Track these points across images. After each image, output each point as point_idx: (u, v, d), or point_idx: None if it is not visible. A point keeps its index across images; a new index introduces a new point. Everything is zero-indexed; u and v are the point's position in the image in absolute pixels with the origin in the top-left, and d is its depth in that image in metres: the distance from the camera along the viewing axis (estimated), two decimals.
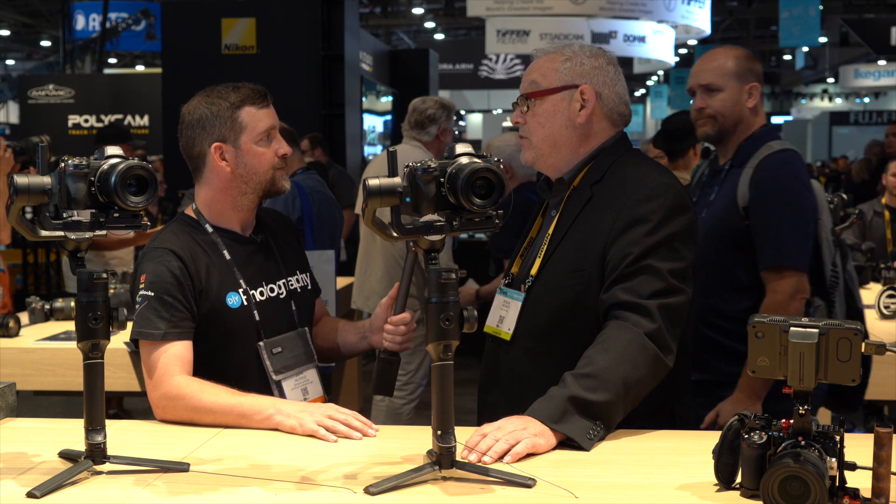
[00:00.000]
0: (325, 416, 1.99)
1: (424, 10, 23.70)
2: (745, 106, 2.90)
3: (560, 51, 2.24)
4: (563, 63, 2.20)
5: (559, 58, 2.21)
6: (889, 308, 3.97)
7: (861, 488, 1.53)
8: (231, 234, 2.30)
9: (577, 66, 2.19)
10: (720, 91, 2.90)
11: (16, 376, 3.04)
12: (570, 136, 2.20)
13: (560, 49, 2.24)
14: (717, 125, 2.91)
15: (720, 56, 2.96)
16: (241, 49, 9.24)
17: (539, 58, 2.26)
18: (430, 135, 4.66)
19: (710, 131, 2.92)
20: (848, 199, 4.11)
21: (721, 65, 2.92)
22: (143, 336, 2.13)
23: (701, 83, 2.93)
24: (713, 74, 2.92)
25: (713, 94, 2.91)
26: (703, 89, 2.92)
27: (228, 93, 2.27)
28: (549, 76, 2.20)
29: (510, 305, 2.20)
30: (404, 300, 2.24)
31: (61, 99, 13.33)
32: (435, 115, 4.68)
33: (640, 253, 2.03)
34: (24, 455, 1.86)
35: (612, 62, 2.24)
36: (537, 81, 2.21)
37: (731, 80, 2.90)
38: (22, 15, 23.10)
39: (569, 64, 2.20)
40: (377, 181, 1.65)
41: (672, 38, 17.53)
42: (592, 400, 1.89)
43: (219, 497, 1.64)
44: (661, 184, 2.11)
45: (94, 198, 1.70)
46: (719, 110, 2.90)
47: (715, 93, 2.91)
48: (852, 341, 1.51)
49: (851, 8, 23.62)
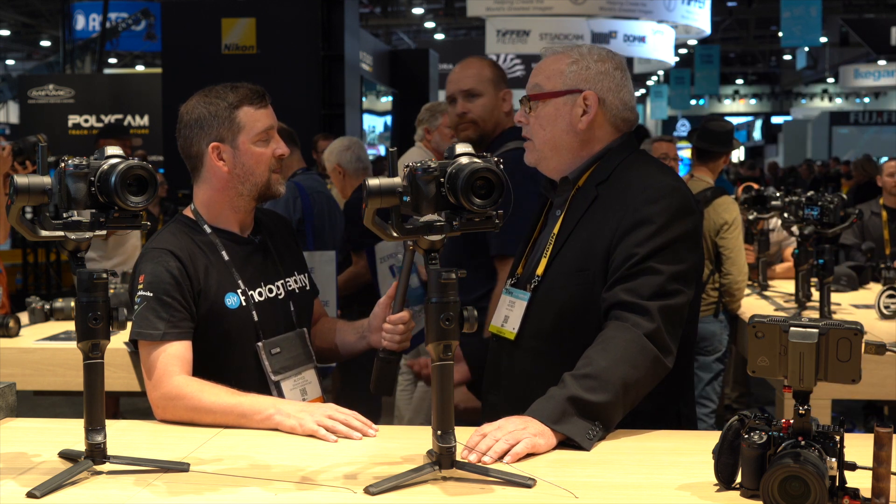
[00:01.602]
0: (325, 416, 1.99)
1: (424, 10, 23.71)
2: (502, 111, 3.09)
3: (567, 52, 2.21)
4: (568, 66, 2.18)
5: (566, 60, 2.19)
6: (889, 308, 3.97)
7: (861, 488, 1.53)
8: (229, 234, 2.30)
9: (582, 70, 2.18)
10: (480, 96, 3.08)
11: (16, 376, 3.04)
12: (571, 140, 2.19)
13: (567, 51, 2.22)
14: (478, 129, 3.07)
15: (477, 65, 3.16)
16: (241, 49, 9.24)
17: (546, 58, 2.25)
18: (420, 136, 4.99)
19: (473, 135, 3.08)
20: (847, 199, 4.11)
21: (480, 72, 3.11)
22: (143, 336, 2.13)
23: (462, 88, 3.09)
24: (474, 80, 3.10)
25: (474, 99, 3.09)
26: (465, 95, 3.09)
27: (227, 93, 2.27)
28: (553, 79, 2.19)
29: (515, 305, 2.19)
30: (402, 299, 2.24)
31: (61, 99, 13.34)
32: (421, 118, 5.01)
33: (643, 254, 2.03)
34: (24, 455, 1.86)
35: (619, 66, 2.22)
36: (541, 84, 2.21)
37: (490, 87, 3.09)
38: (22, 15, 23.10)
39: (574, 67, 2.18)
40: (377, 181, 1.65)
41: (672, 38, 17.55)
42: (592, 400, 1.89)
43: (219, 497, 1.63)
44: (666, 186, 2.11)
45: (94, 198, 1.70)
46: (480, 115, 3.08)
47: (476, 98, 3.08)
48: (852, 341, 1.51)
49: (851, 8, 23.63)
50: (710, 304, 4.61)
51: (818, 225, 3.93)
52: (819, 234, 3.93)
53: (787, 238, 5.34)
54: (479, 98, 3.08)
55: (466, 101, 3.10)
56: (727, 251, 4.53)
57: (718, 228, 4.55)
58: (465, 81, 3.11)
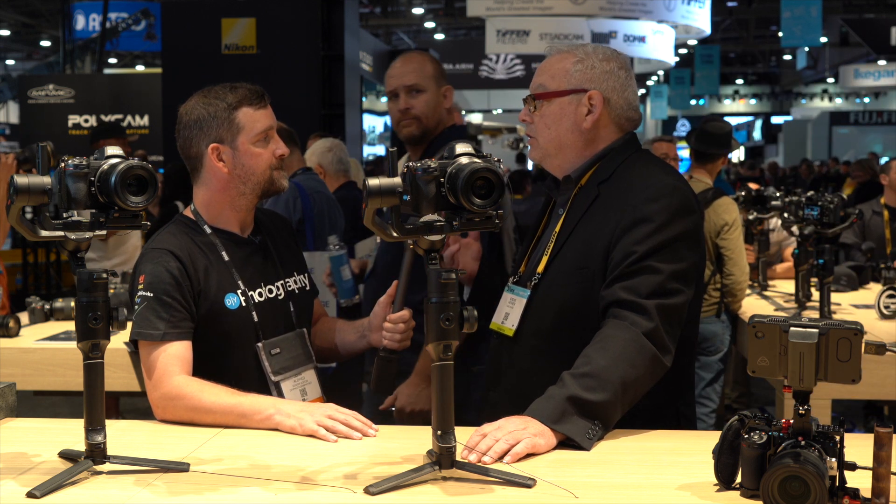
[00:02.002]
0: (325, 416, 1.99)
1: (424, 10, 23.72)
2: (443, 107, 3.06)
3: (572, 52, 2.21)
4: (574, 65, 2.18)
5: (571, 59, 2.19)
6: (889, 308, 3.97)
7: (861, 488, 1.53)
8: (229, 235, 2.30)
9: (587, 69, 2.18)
10: (423, 92, 3.04)
11: (16, 376, 3.04)
12: (576, 139, 2.19)
13: (573, 50, 2.22)
14: (421, 126, 3.03)
15: (419, 60, 3.11)
16: (241, 49, 9.24)
17: (551, 56, 2.25)
18: None
19: (415, 132, 3.04)
20: (847, 199, 4.11)
21: (422, 67, 3.06)
22: (143, 336, 2.13)
23: (406, 84, 3.05)
24: (417, 76, 3.05)
25: (417, 95, 3.04)
26: (408, 90, 3.04)
27: (226, 93, 2.26)
28: (558, 78, 2.19)
29: (515, 302, 2.20)
30: (403, 298, 2.24)
31: (61, 99, 13.33)
32: None
33: (642, 253, 2.03)
34: (24, 455, 1.86)
35: (623, 66, 2.22)
36: (545, 84, 2.20)
37: (432, 82, 3.05)
38: (22, 15, 23.11)
39: (580, 66, 2.18)
40: (377, 181, 1.65)
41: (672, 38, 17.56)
42: (591, 400, 1.89)
43: (219, 497, 1.63)
44: (667, 185, 2.11)
45: (94, 198, 1.70)
46: (423, 111, 3.03)
47: (418, 94, 3.04)
48: (852, 341, 1.51)
49: (851, 8, 23.64)
50: (713, 305, 4.61)
51: (818, 225, 3.93)
52: (819, 234, 3.93)
53: (787, 238, 5.34)
54: (421, 94, 3.03)
55: (409, 97, 3.04)
56: (728, 252, 4.53)
57: (719, 230, 4.55)
58: (407, 77, 3.06)
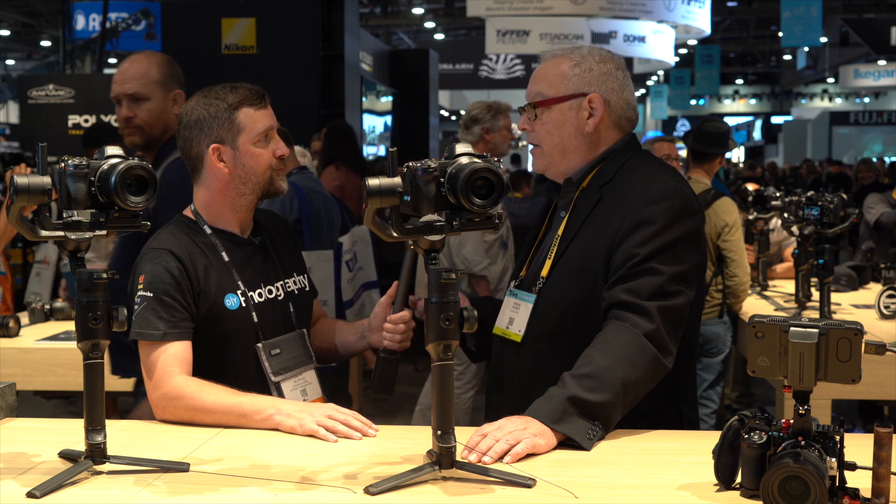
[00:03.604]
0: (325, 416, 1.99)
1: (424, 10, 23.70)
2: (172, 113, 2.93)
3: (568, 55, 2.21)
4: (571, 69, 2.18)
5: (567, 63, 2.19)
6: (889, 308, 3.97)
7: (861, 488, 1.53)
8: (229, 235, 2.30)
9: (585, 72, 2.17)
10: (147, 100, 2.91)
11: (16, 376, 3.04)
12: (580, 143, 2.19)
13: (568, 53, 2.21)
14: (144, 135, 2.92)
15: (144, 64, 2.96)
16: (241, 49, 9.23)
17: (546, 61, 2.23)
18: (475, 135, 4.80)
19: (138, 141, 2.93)
20: (848, 199, 4.11)
21: (147, 73, 2.92)
22: (143, 336, 2.13)
23: (127, 93, 2.92)
24: (139, 84, 2.91)
25: (140, 103, 2.91)
26: (130, 98, 2.92)
27: (226, 94, 2.26)
28: (556, 84, 2.18)
29: (521, 307, 2.19)
30: (403, 298, 2.24)
31: (61, 99, 13.31)
32: (478, 116, 4.83)
33: (644, 255, 2.03)
34: (24, 455, 1.86)
35: (620, 66, 2.22)
36: (543, 91, 2.19)
37: (157, 89, 2.92)
38: (22, 15, 23.09)
39: (577, 70, 2.17)
40: (377, 181, 1.65)
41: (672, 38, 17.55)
42: (592, 400, 1.89)
43: (219, 497, 1.63)
44: (669, 186, 2.10)
45: (94, 198, 1.70)
46: (147, 121, 2.91)
47: (141, 102, 2.91)
48: (852, 341, 1.51)
49: (851, 8, 23.62)
50: (715, 307, 4.61)
51: (818, 225, 3.94)
52: (819, 234, 3.93)
53: (787, 238, 5.34)
54: (145, 102, 2.90)
55: (132, 105, 2.91)
56: (730, 253, 4.53)
57: (720, 231, 4.55)
58: (129, 84, 2.91)
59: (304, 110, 8.91)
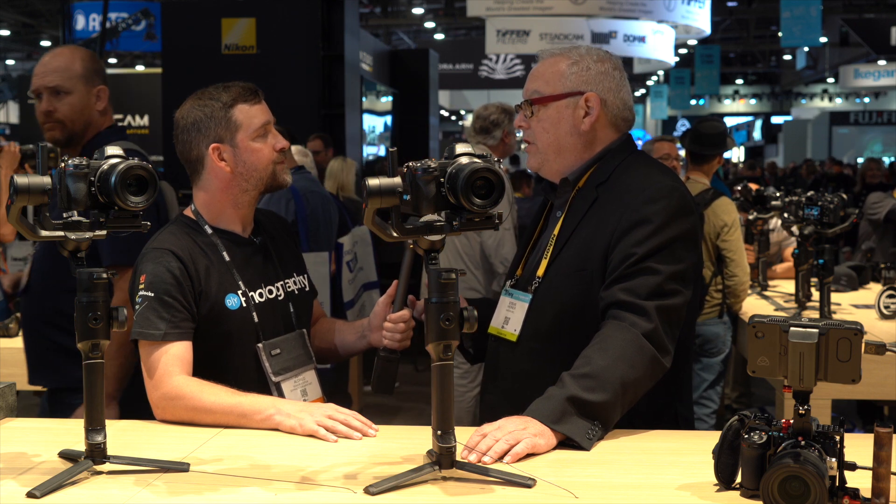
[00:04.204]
0: (325, 416, 1.99)
1: (424, 10, 23.70)
2: (95, 109, 2.88)
3: (566, 54, 2.21)
4: (568, 67, 2.18)
5: (565, 61, 2.19)
6: (889, 308, 3.97)
7: (861, 488, 1.53)
8: (230, 235, 2.30)
9: (582, 71, 2.18)
10: (68, 94, 2.85)
11: (16, 376, 3.04)
12: (575, 142, 2.19)
13: (566, 52, 2.22)
14: (66, 131, 2.87)
15: (67, 58, 2.90)
16: (241, 49, 9.23)
17: (544, 59, 2.24)
18: (496, 138, 4.82)
19: (59, 136, 2.87)
20: (848, 199, 4.12)
21: (69, 66, 2.87)
22: (143, 336, 2.13)
23: (47, 86, 2.86)
24: (61, 77, 2.86)
25: (61, 97, 2.85)
26: (51, 92, 2.86)
27: (220, 93, 2.27)
28: (553, 82, 2.19)
29: (516, 307, 2.19)
30: (403, 298, 2.24)
31: None
32: (498, 120, 4.84)
33: (641, 254, 2.03)
34: (24, 455, 1.86)
35: (617, 66, 2.22)
36: (540, 89, 2.20)
37: (80, 83, 2.86)
38: (22, 15, 23.10)
39: (575, 68, 2.18)
40: (377, 181, 1.65)
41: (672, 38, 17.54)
42: (591, 400, 1.89)
43: (219, 497, 1.64)
44: (665, 186, 2.11)
45: (94, 198, 1.70)
46: (68, 115, 2.86)
47: (63, 96, 2.85)
48: (852, 341, 1.51)
49: (851, 8, 23.62)
50: (715, 307, 4.61)
51: (818, 225, 3.94)
52: (819, 234, 3.93)
53: (787, 238, 5.34)
54: (66, 96, 2.83)
55: (52, 99, 2.84)
56: (730, 253, 4.53)
57: (719, 231, 4.55)
58: (50, 77, 2.84)
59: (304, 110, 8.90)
